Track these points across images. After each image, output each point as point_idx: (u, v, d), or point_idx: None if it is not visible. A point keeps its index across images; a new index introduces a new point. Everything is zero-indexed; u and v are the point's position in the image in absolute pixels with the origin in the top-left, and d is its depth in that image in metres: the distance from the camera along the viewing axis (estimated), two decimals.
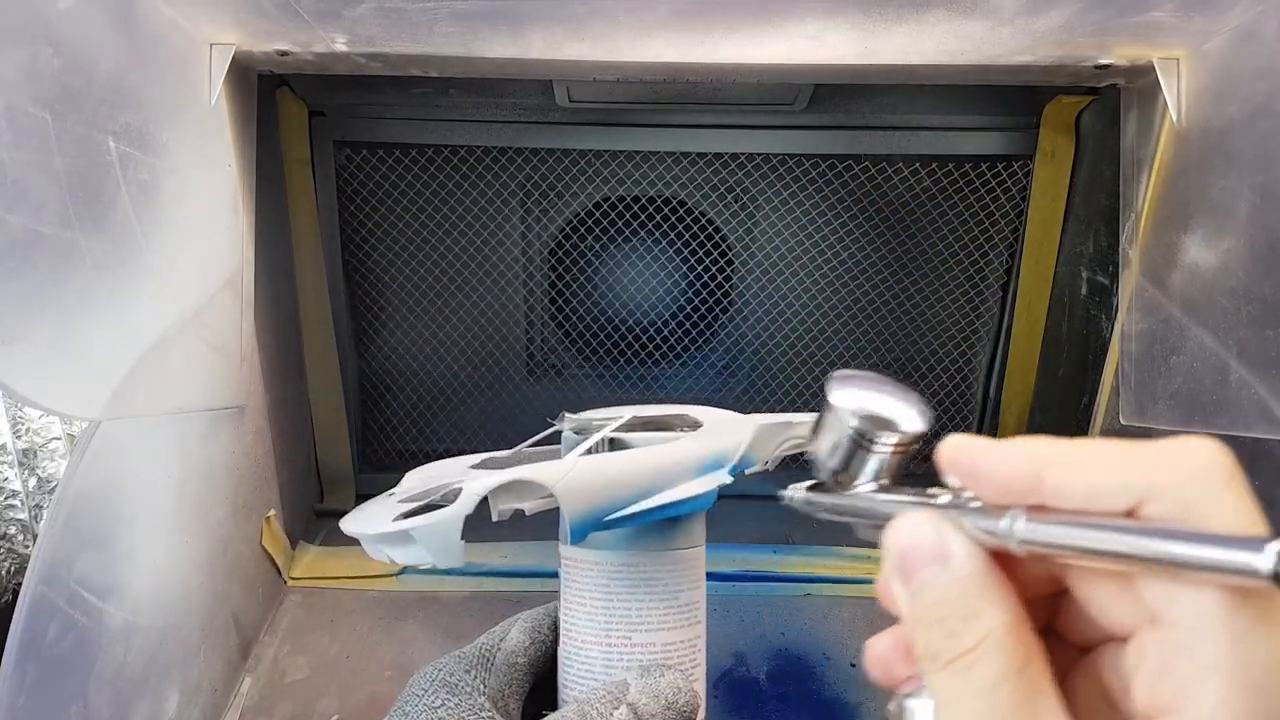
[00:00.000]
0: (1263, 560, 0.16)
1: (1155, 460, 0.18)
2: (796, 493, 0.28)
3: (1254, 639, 0.17)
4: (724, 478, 0.35)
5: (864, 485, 0.25)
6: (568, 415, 0.42)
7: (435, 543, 0.31)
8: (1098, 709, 0.21)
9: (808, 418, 0.41)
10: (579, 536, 0.33)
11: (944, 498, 0.22)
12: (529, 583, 0.60)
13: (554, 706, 0.39)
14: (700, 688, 0.38)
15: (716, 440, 0.36)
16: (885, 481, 0.25)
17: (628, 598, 0.37)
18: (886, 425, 0.24)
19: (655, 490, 0.34)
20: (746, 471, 0.37)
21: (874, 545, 0.23)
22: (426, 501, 0.35)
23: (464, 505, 0.31)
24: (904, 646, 0.23)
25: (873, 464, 0.25)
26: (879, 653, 0.24)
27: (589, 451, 0.37)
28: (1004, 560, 0.20)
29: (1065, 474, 0.19)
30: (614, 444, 0.39)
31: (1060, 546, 0.19)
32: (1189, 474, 0.18)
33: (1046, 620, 0.23)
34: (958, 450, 0.21)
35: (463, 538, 0.32)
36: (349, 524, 0.35)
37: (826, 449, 0.26)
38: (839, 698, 0.52)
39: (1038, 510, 0.19)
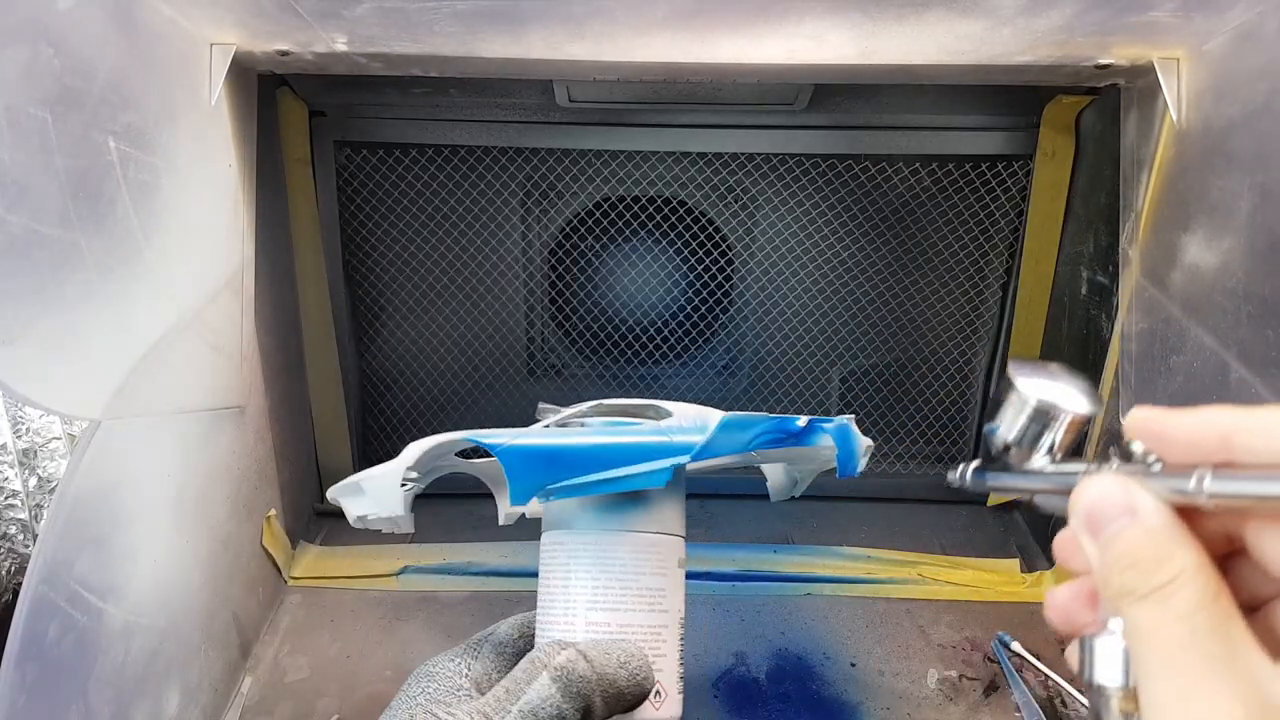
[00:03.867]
0: None
1: None
2: (968, 472, 0.32)
3: None
4: (682, 458, 0.35)
5: (1039, 460, 0.29)
6: (543, 405, 0.44)
7: (379, 491, 0.35)
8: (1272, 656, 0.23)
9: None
10: (518, 498, 0.34)
11: (1117, 463, 0.24)
12: (529, 583, 0.60)
13: None
14: (667, 680, 0.37)
15: (679, 430, 0.37)
16: (1058, 456, 0.28)
17: (584, 576, 0.37)
18: (1063, 406, 0.28)
19: (605, 468, 0.35)
20: (707, 460, 0.38)
21: (1052, 512, 0.25)
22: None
23: (404, 459, 0.35)
24: (1085, 595, 0.25)
25: (1047, 440, 0.28)
26: (1060, 601, 0.26)
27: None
28: (1183, 520, 0.22)
29: (1252, 434, 0.21)
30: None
31: (1250, 496, 0.20)
32: None
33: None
34: (1147, 417, 0.23)
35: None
36: (331, 491, 0.38)
37: (1006, 426, 0.29)
38: (839, 698, 0.52)
39: (1224, 467, 0.21)
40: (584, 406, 0.42)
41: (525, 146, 0.66)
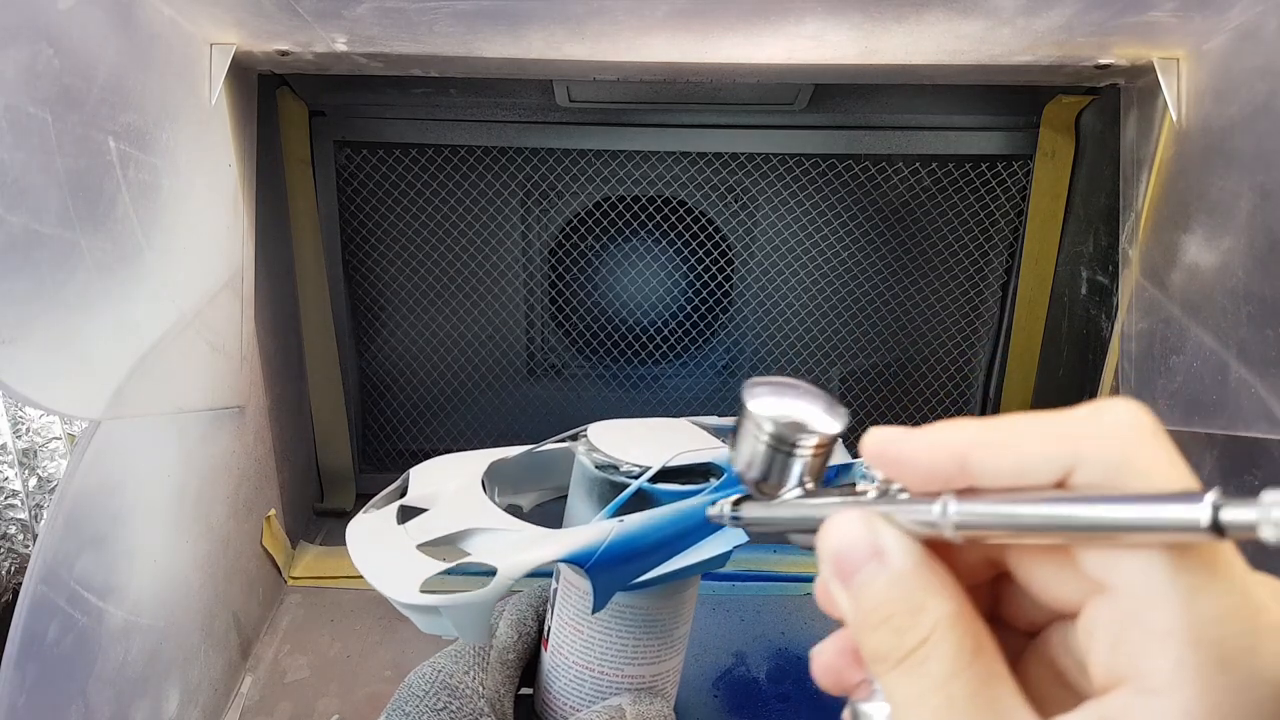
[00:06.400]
0: (1200, 512, 0.15)
1: (1077, 428, 0.18)
2: (723, 509, 0.27)
3: (1203, 595, 0.16)
4: (740, 537, 0.35)
5: (789, 492, 0.24)
6: (589, 438, 0.40)
7: (465, 621, 0.31)
8: (1051, 692, 0.20)
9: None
10: (603, 605, 0.34)
11: (872, 493, 0.21)
12: (528, 583, 0.60)
13: (529, 685, 0.41)
14: (670, 707, 0.39)
15: (729, 490, 0.37)
16: (810, 485, 0.24)
17: (626, 635, 0.37)
18: (803, 428, 0.24)
19: (675, 553, 0.34)
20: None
21: (811, 551, 0.22)
22: (444, 544, 0.35)
23: (497, 589, 0.31)
24: (851, 651, 0.22)
25: (795, 469, 0.24)
26: (825, 660, 0.23)
27: (618, 509, 0.37)
28: (940, 550, 0.20)
29: (988, 453, 0.18)
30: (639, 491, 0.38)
31: (995, 526, 0.18)
32: (1112, 437, 0.17)
33: (989, 608, 0.22)
34: (879, 442, 0.20)
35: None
36: (368, 568, 0.33)
37: (745, 459, 0.25)
38: (839, 697, 0.52)
39: (968, 494, 0.19)
40: (650, 468, 0.37)
41: (525, 146, 0.66)
